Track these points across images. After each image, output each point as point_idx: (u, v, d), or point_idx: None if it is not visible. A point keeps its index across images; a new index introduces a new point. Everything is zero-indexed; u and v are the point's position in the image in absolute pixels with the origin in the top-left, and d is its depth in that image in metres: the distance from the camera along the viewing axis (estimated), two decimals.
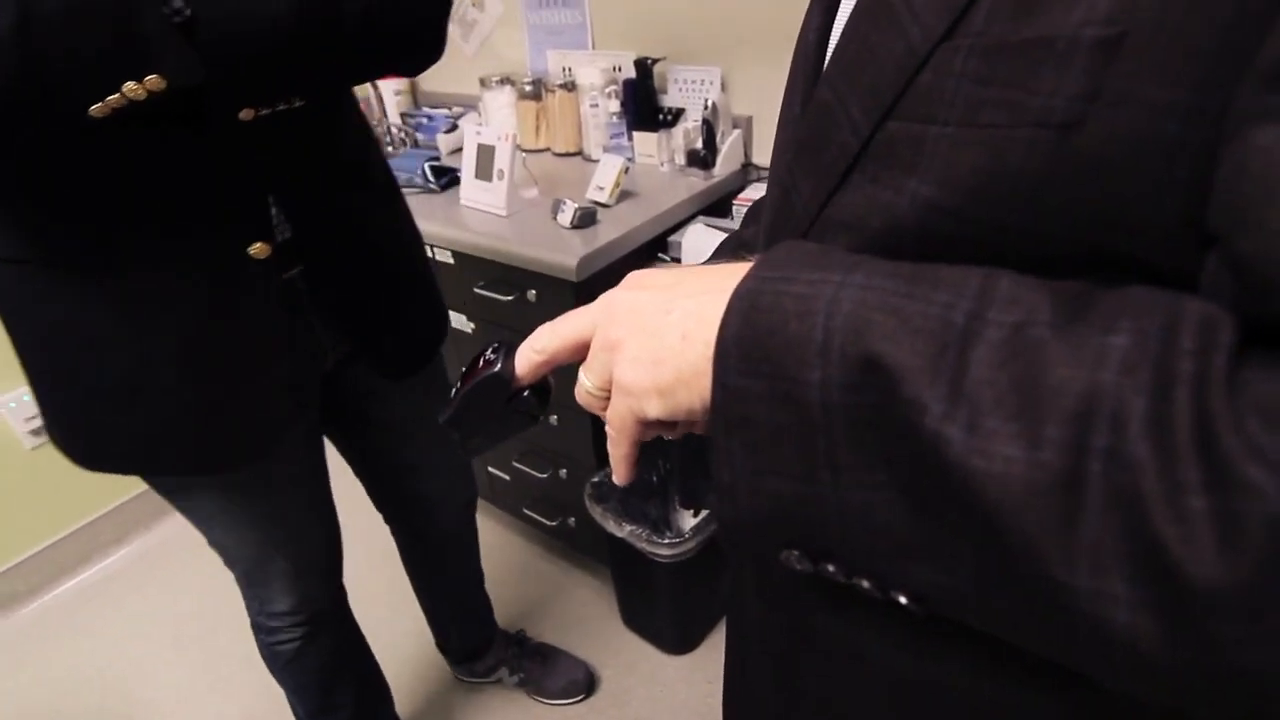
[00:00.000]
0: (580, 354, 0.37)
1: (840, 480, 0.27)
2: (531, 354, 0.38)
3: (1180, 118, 0.23)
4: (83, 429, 0.78)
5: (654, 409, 0.33)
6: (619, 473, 0.38)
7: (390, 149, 1.93)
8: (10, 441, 1.73)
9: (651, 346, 0.32)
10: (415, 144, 1.89)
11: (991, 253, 0.28)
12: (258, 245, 0.73)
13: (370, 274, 0.89)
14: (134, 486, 1.93)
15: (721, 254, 0.57)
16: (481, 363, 0.40)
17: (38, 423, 1.74)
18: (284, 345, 0.81)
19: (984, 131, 0.27)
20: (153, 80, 0.55)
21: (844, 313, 0.27)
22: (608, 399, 0.35)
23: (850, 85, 0.32)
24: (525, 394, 0.40)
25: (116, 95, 0.55)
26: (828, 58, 0.36)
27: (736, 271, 0.31)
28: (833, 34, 0.39)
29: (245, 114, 0.69)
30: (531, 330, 0.39)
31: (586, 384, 0.36)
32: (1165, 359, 0.21)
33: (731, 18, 1.48)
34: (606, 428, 0.37)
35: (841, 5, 0.39)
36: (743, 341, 0.29)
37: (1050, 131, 0.25)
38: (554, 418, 1.45)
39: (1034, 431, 0.22)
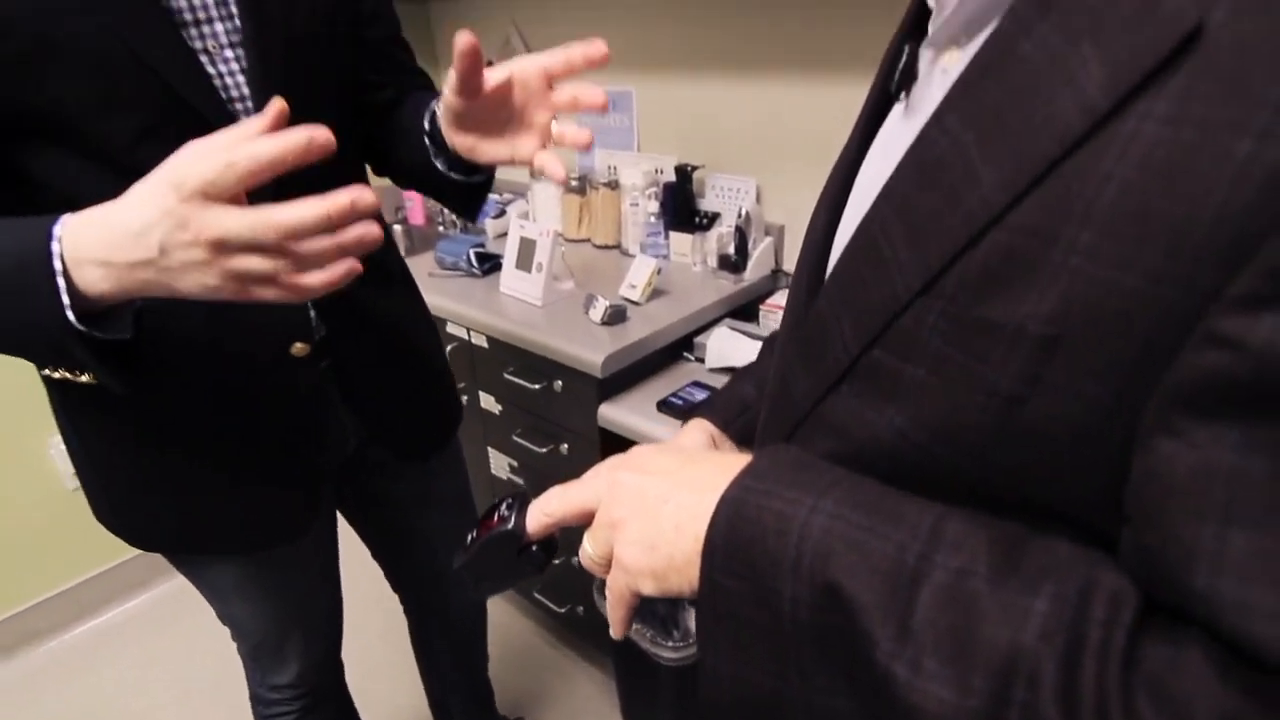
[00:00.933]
0: (585, 520, 0.41)
1: (808, 685, 0.31)
2: (542, 515, 0.43)
3: (1106, 412, 0.26)
4: (125, 511, 0.83)
5: (648, 588, 0.37)
6: (615, 629, 0.42)
7: (441, 229, 2.04)
8: (52, 480, 1.81)
9: (649, 532, 0.36)
10: (465, 228, 1.99)
11: (950, 485, 0.31)
12: (298, 345, 0.79)
13: (393, 363, 0.94)
14: None
15: (730, 397, 0.60)
16: (497, 517, 0.45)
17: None
18: (315, 433, 0.86)
19: (947, 385, 0.30)
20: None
21: (814, 538, 0.31)
22: (608, 567, 0.39)
23: (845, 306, 0.36)
24: (534, 548, 0.44)
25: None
26: (831, 261, 0.40)
27: (728, 468, 0.35)
28: (838, 233, 0.43)
29: None
30: (552, 418, 0.43)
31: (590, 551, 0.40)
32: (1077, 626, 0.25)
33: (768, 134, 1.57)
34: (605, 589, 0.40)
35: (847, 206, 0.43)
36: (729, 545, 0.33)
37: (999, 401, 0.28)
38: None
39: (965, 679, 0.26)
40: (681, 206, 1.66)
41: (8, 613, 1.82)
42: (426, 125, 0.79)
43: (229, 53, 0.68)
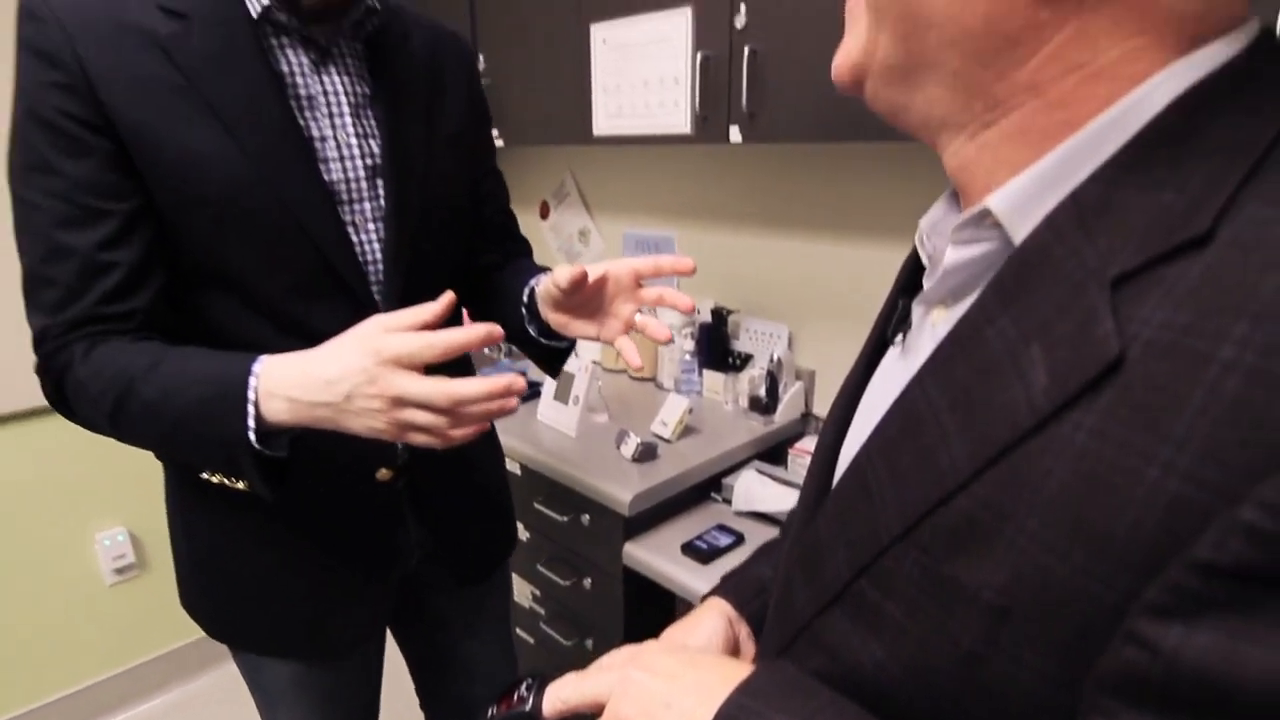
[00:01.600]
0: (597, 710, 0.44)
1: None
2: (558, 700, 0.46)
3: (1054, 684, 0.29)
4: (210, 601, 0.89)
5: None
6: None
7: (487, 351, 2.14)
8: (93, 575, 1.87)
9: None
10: (509, 353, 2.10)
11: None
12: (383, 471, 0.85)
13: (463, 488, 0.99)
14: (190, 633, 2.01)
15: (747, 578, 0.63)
16: (516, 696, 0.48)
17: (124, 562, 1.89)
18: (388, 550, 0.91)
19: (919, 631, 0.33)
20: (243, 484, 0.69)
21: None
22: None
23: (840, 530, 0.40)
24: None
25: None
26: (837, 475, 0.44)
27: (729, 678, 0.39)
28: (845, 445, 0.47)
29: None
30: (578, 550, 0.48)
31: None
32: None
33: (801, 286, 1.65)
34: None
35: (852, 426, 0.47)
36: None
37: (963, 655, 0.31)
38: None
39: None
40: (716, 346, 1.73)
41: (26, 708, 1.83)
42: (525, 298, 0.89)
43: (371, 226, 0.79)
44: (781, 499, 1.35)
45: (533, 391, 1.73)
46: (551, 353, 0.94)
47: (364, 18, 0.77)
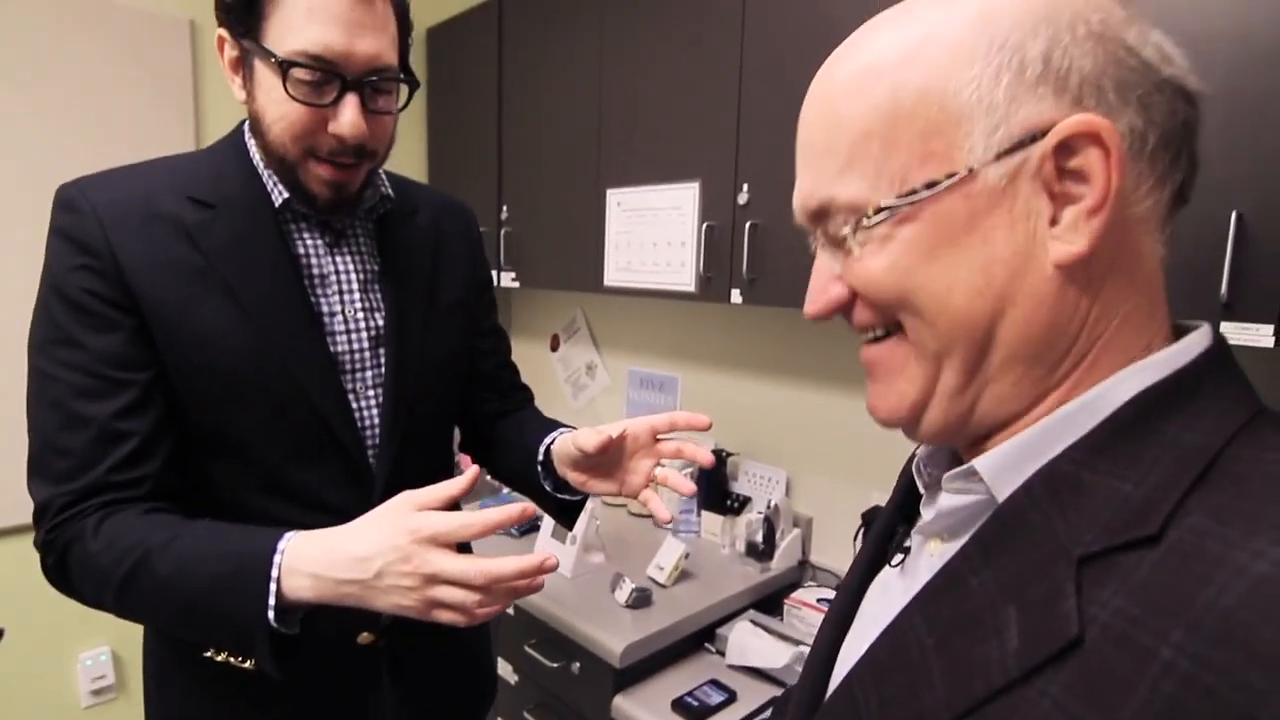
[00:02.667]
0: None
1: None
2: None
3: None
4: None
5: None
6: None
7: (487, 477, 2.17)
8: (71, 696, 1.82)
9: None
10: (507, 492, 2.12)
11: None
12: (365, 635, 0.85)
13: (444, 643, 0.98)
14: None
15: None
16: None
17: (103, 683, 1.84)
18: (365, 711, 0.89)
19: None
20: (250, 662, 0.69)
21: None
22: None
23: None
24: None
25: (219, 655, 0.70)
26: (833, 682, 0.47)
27: None
28: (843, 648, 0.50)
29: None
30: (567, 699, 0.47)
31: None
32: None
33: (800, 432, 1.70)
34: None
35: (850, 633, 0.51)
36: None
37: None
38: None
39: None
40: (714, 488, 1.76)
41: None
42: (541, 455, 0.91)
43: (370, 392, 0.82)
44: (776, 653, 1.33)
45: (530, 525, 1.75)
46: (566, 506, 0.96)
47: (377, 203, 0.83)
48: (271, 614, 0.62)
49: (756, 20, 1.32)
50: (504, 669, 1.55)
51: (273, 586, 0.62)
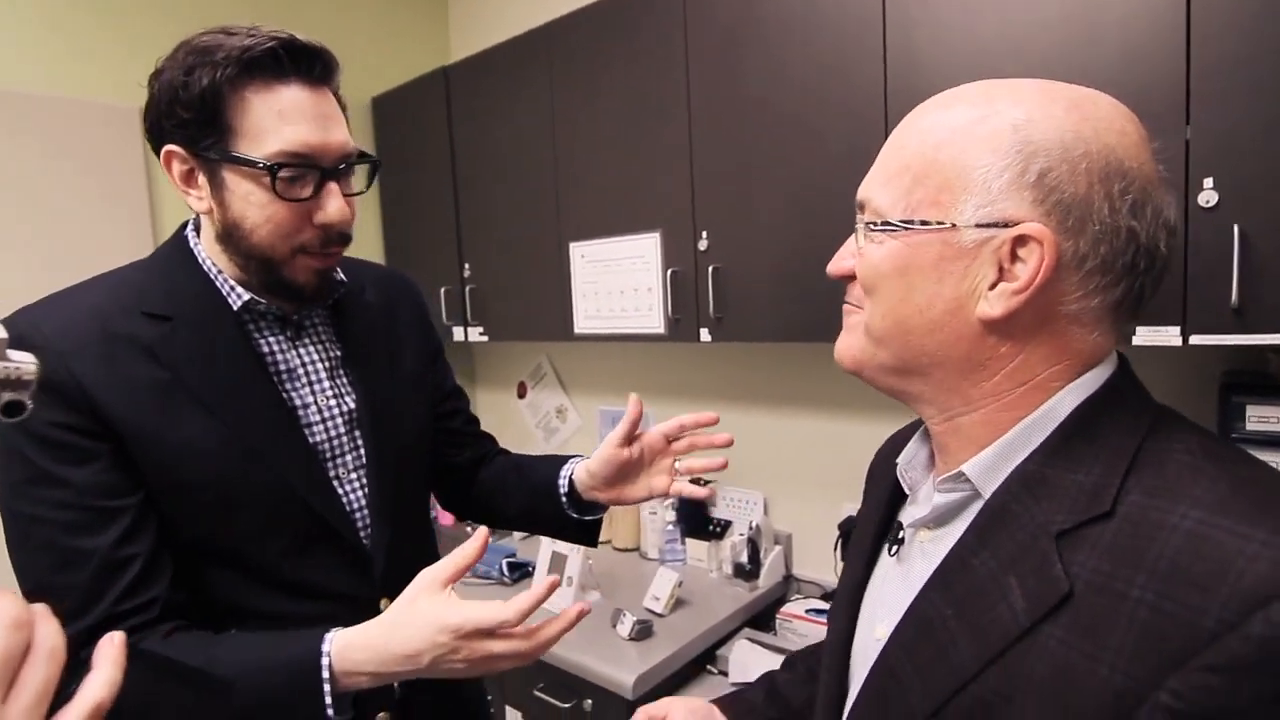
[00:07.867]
0: None
1: None
2: None
3: None
4: None
5: None
6: None
7: (469, 530, 2.19)
8: None
9: None
10: (496, 537, 2.15)
11: None
12: (382, 715, 0.85)
13: (446, 702, 1.01)
14: None
15: (745, 702, 0.76)
16: None
17: None
18: None
19: None
20: None
21: None
22: None
23: (878, 710, 0.51)
24: None
25: None
26: (853, 659, 0.57)
27: None
28: (858, 630, 0.59)
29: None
30: None
31: None
32: None
33: (773, 456, 1.80)
34: None
35: (860, 617, 0.59)
36: None
37: None
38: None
39: None
40: (695, 515, 1.84)
41: None
42: (565, 487, 0.98)
43: (353, 475, 0.83)
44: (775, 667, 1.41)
45: (523, 573, 1.79)
46: (588, 526, 1.03)
47: (335, 285, 0.84)
48: (330, 712, 0.66)
49: (700, 74, 1.44)
50: (513, 716, 1.57)
51: (326, 688, 0.65)
